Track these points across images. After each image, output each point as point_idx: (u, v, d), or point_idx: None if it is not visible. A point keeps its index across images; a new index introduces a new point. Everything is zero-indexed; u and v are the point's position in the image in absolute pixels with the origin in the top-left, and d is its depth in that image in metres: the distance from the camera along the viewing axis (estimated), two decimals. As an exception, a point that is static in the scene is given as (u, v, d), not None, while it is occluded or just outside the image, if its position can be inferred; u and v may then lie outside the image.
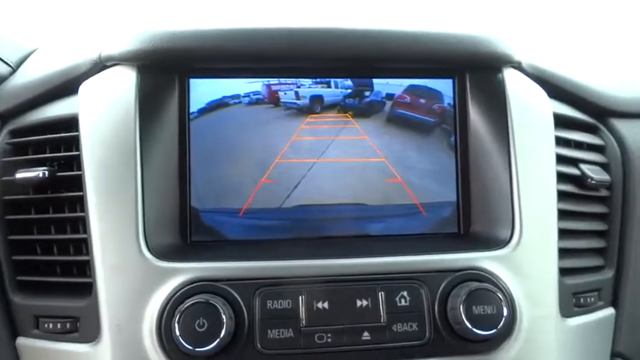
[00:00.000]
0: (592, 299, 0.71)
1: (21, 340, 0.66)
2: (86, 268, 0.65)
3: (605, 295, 0.73)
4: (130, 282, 0.61)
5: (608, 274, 0.74)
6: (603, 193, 0.76)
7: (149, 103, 0.67)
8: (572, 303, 0.69)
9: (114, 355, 0.60)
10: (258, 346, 0.60)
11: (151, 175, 0.65)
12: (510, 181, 0.68)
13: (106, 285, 0.61)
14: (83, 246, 0.65)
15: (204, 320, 0.57)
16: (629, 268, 0.73)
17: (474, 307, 0.60)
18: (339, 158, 0.71)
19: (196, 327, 0.57)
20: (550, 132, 0.71)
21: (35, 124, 0.71)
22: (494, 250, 0.65)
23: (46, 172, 0.66)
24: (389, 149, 0.71)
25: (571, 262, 0.70)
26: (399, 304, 0.62)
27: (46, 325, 0.64)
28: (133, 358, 0.60)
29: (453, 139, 0.73)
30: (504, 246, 0.66)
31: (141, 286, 0.61)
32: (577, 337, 0.68)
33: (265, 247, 0.68)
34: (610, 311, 0.72)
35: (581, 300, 0.70)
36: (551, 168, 0.69)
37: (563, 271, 0.68)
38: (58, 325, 0.64)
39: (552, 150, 0.70)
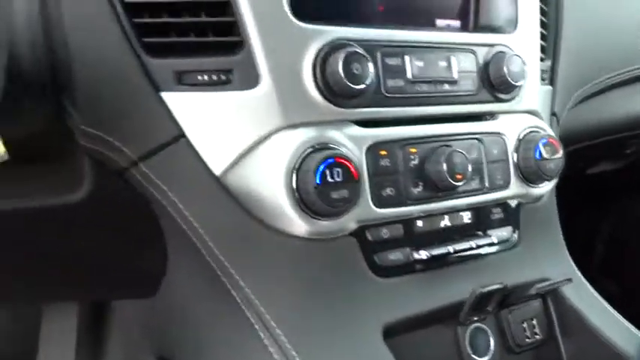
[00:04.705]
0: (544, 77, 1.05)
1: (165, 94, 0.70)
2: (227, 28, 0.72)
3: (546, 78, 1.07)
4: (283, 41, 0.72)
5: (548, 63, 1.09)
6: None
7: None
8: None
9: (279, 97, 0.72)
10: (383, 90, 0.79)
11: None
12: None
13: (261, 41, 0.71)
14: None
15: (358, 65, 0.73)
16: (560, 59, 1.09)
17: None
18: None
19: (353, 69, 0.73)
20: None
21: None
22: None
23: None
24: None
25: None
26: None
27: (199, 78, 0.70)
28: (295, 96, 0.73)
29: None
30: None
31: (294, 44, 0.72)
32: None
33: None
34: (549, 88, 1.07)
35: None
36: None
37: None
38: (214, 77, 0.71)
39: None
